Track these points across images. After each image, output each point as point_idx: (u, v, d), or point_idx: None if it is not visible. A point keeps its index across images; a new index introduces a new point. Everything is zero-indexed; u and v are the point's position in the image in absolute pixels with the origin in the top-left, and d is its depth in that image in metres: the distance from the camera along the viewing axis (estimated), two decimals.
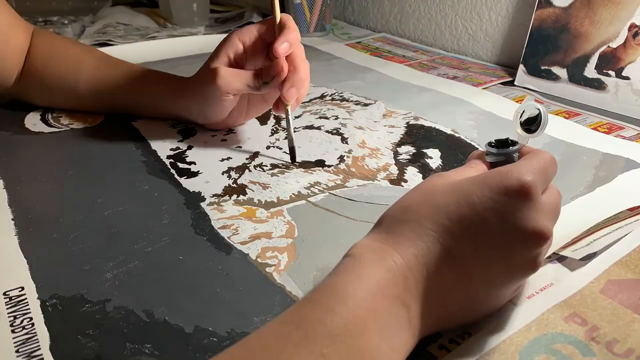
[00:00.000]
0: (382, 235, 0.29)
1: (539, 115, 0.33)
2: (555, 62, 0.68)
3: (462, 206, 0.27)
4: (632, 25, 0.61)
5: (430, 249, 0.27)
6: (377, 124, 0.58)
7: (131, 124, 0.58)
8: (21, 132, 0.56)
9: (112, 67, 0.58)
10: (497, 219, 0.27)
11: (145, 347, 0.29)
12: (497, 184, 0.27)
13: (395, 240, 0.28)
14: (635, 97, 0.62)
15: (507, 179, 0.27)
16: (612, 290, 0.33)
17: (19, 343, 0.30)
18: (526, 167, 0.28)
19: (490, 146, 0.33)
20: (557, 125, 0.58)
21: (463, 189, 0.28)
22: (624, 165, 0.50)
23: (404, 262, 0.27)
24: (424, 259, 0.27)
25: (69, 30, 0.95)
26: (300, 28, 0.95)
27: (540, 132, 0.33)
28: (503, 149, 0.32)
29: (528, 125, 0.33)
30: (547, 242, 0.27)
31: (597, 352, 0.29)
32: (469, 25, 0.86)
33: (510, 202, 0.27)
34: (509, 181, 0.27)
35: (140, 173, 0.48)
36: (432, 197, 0.29)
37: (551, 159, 0.30)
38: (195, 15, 1.05)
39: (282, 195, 0.44)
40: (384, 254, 0.27)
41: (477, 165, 0.33)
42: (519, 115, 0.34)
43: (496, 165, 0.32)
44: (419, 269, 0.27)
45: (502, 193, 0.27)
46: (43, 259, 0.37)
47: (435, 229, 0.27)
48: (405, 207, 0.29)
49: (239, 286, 0.34)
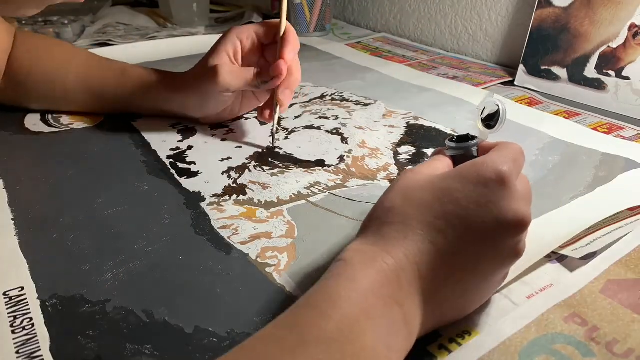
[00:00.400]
0: (370, 238, 0.29)
1: (498, 111, 0.33)
2: (555, 62, 0.68)
3: (445, 203, 0.28)
4: (632, 25, 0.61)
5: (420, 247, 0.28)
6: (377, 124, 0.58)
7: (131, 124, 0.58)
8: (21, 132, 0.56)
9: (101, 65, 0.58)
10: (480, 211, 0.28)
11: (145, 347, 0.29)
12: (476, 177, 0.28)
13: (384, 242, 0.28)
14: (635, 97, 0.62)
15: (484, 170, 0.28)
16: (612, 290, 0.33)
17: (19, 344, 0.30)
18: (500, 157, 0.29)
19: (451, 141, 0.34)
20: (557, 125, 0.58)
21: (443, 185, 0.29)
22: (624, 165, 0.50)
23: (395, 262, 0.27)
24: (414, 258, 0.27)
25: (69, 30, 0.95)
26: (300, 28, 0.95)
27: (499, 128, 0.33)
28: (461, 143, 0.33)
29: (489, 121, 0.34)
30: (527, 227, 0.28)
31: (597, 353, 0.29)
32: (469, 25, 0.86)
33: (490, 193, 0.28)
34: (487, 172, 0.28)
35: (140, 173, 0.48)
36: (413, 196, 0.29)
37: (520, 149, 0.31)
38: (195, 15, 1.05)
39: (282, 195, 0.44)
40: (375, 256, 0.27)
41: (442, 159, 0.33)
42: (480, 112, 0.34)
43: (456, 159, 0.33)
44: (410, 268, 0.27)
45: (481, 184, 0.28)
46: (43, 259, 0.37)
47: (422, 227, 0.28)
48: (389, 209, 0.30)
49: (239, 286, 0.34)
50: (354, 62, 0.82)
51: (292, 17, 0.95)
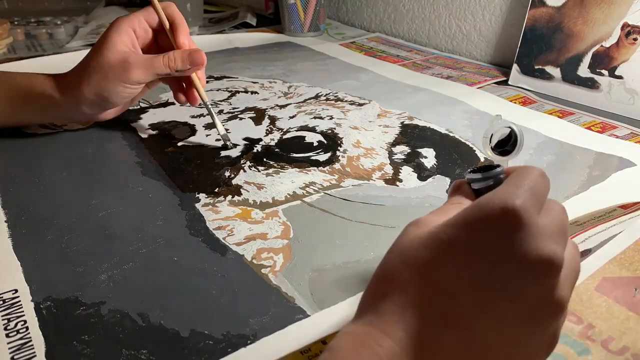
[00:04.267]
0: (365, 317, 0.23)
1: (512, 134, 0.29)
2: (549, 61, 0.69)
3: (446, 258, 0.23)
4: (624, 25, 0.61)
5: (424, 317, 0.22)
6: (371, 124, 0.58)
7: (126, 125, 0.58)
8: (14, 133, 0.56)
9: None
10: (491, 262, 0.22)
11: (141, 352, 0.29)
12: (479, 220, 0.22)
13: (380, 319, 0.23)
14: (628, 96, 0.62)
15: (489, 210, 0.22)
16: (607, 287, 0.34)
17: (14, 348, 0.29)
18: (508, 189, 0.23)
19: (473, 172, 0.28)
20: (550, 125, 0.59)
21: (443, 238, 0.23)
22: (617, 164, 0.50)
23: (395, 344, 0.22)
24: (417, 333, 0.22)
25: (62, 31, 0.95)
26: (294, 28, 0.95)
27: (518, 151, 0.29)
28: (487, 172, 0.27)
29: (501, 147, 0.30)
30: (558, 269, 0.22)
31: (593, 351, 0.29)
32: (462, 25, 0.86)
33: (500, 237, 0.22)
34: (492, 211, 0.22)
35: (135, 174, 0.48)
36: (411, 256, 0.24)
37: (539, 173, 0.25)
38: (189, 15, 1.05)
39: (277, 196, 0.44)
40: (366, 340, 0.22)
41: (458, 201, 0.27)
42: (487, 140, 0.30)
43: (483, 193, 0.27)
44: (413, 348, 0.22)
45: (486, 228, 0.22)
46: (37, 261, 0.36)
47: (424, 293, 0.22)
48: (384, 277, 0.24)
49: (235, 288, 0.34)
50: (348, 62, 0.82)
51: (286, 17, 0.95)
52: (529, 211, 0.22)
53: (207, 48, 0.87)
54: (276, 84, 0.71)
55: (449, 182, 0.47)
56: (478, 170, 0.27)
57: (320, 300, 0.33)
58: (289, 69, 0.77)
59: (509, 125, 0.30)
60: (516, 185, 0.23)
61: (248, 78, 0.74)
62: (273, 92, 0.68)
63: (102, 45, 0.49)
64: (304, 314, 0.32)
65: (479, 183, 0.27)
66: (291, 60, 0.82)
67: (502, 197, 0.22)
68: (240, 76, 0.74)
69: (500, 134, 0.30)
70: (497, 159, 0.30)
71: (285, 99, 0.65)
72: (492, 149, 0.30)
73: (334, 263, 0.36)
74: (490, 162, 0.28)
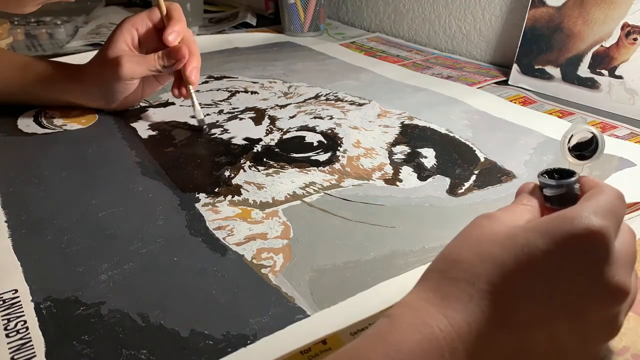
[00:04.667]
0: (428, 293, 0.24)
1: (594, 139, 0.29)
2: (549, 61, 0.69)
3: (522, 263, 0.23)
4: (624, 25, 0.61)
5: (485, 314, 0.23)
6: (371, 124, 0.58)
7: (126, 125, 0.58)
8: (14, 133, 0.56)
9: (2, 58, 0.59)
10: (564, 277, 0.23)
11: (141, 352, 0.29)
12: (562, 234, 0.23)
13: (443, 301, 0.23)
14: (628, 96, 0.62)
15: (575, 227, 0.23)
16: None
17: (14, 348, 0.29)
18: (594, 208, 0.23)
19: (546, 177, 0.27)
20: (550, 125, 0.59)
21: (523, 243, 0.23)
22: (617, 164, 0.50)
23: (453, 330, 0.22)
24: (477, 327, 0.22)
25: (62, 31, 0.95)
26: (294, 28, 0.95)
27: (595, 160, 0.28)
28: (563, 179, 0.27)
29: (579, 150, 0.29)
30: (626, 297, 0.23)
31: None
32: (462, 25, 0.86)
33: (580, 256, 0.23)
34: (577, 229, 0.22)
35: (135, 174, 0.48)
36: (484, 250, 0.24)
37: (618, 195, 0.25)
38: (189, 15, 1.04)
39: (277, 196, 0.44)
40: (428, 318, 0.23)
41: (529, 202, 0.28)
42: (566, 140, 0.29)
43: (553, 200, 0.27)
44: (471, 340, 0.22)
45: (569, 245, 0.23)
46: (37, 261, 0.36)
47: (491, 290, 0.23)
48: (454, 261, 0.25)
49: (235, 288, 0.34)
50: (348, 62, 0.82)
51: (286, 17, 0.95)
52: (612, 237, 0.23)
53: (207, 48, 0.87)
54: (276, 84, 0.71)
55: (449, 182, 0.47)
56: (552, 175, 0.27)
57: (320, 300, 0.33)
58: (289, 69, 0.77)
59: (592, 131, 0.29)
60: (600, 205, 0.24)
61: (248, 78, 0.74)
62: (273, 92, 0.68)
63: (106, 43, 0.55)
64: (304, 314, 0.32)
65: (552, 190, 0.27)
66: (291, 60, 0.82)
67: (589, 216, 0.23)
68: (240, 76, 0.74)
69: (580, 137, 0.29)
70: (572, 162, 0.29)
71: (285, 99, 0.65)
72: (569, 150, 0.29)
73: (334, 263, 0.36)
74: (560, 169, 0.27)
